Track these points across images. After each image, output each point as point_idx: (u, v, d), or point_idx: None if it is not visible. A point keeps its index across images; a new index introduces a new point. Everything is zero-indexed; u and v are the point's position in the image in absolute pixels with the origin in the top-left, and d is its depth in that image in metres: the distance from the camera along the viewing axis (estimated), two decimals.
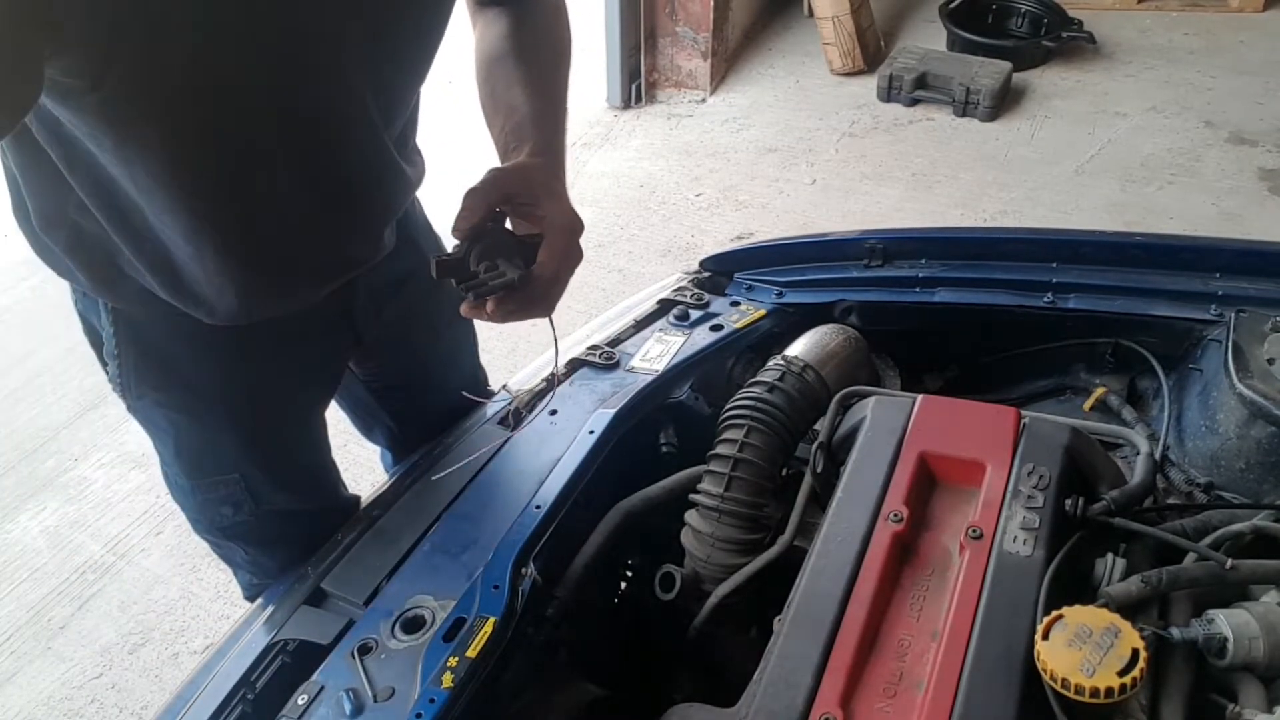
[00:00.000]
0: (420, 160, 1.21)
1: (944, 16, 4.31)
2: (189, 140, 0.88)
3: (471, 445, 1.23)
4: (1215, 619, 0.86)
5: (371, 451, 1.69)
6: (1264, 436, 1.14)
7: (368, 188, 1.08)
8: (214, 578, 2.34)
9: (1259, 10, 4.50)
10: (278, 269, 1.07)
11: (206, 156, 0.91)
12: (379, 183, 1.09)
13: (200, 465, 1.22)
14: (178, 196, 0.92)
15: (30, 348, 3.07)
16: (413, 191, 1.21)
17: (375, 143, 1.04)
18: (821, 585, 0.91)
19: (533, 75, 1.09)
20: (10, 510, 2.57)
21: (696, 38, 4.11)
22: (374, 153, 1.05)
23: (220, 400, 1.17)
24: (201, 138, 0.88)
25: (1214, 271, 1.32)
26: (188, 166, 0.90)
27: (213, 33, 0.81)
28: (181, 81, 0.82)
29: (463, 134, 3.08)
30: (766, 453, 1.09)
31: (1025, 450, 1.01)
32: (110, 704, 2.11)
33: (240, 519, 1.25)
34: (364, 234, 1.13)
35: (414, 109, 1.15)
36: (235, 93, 0.86)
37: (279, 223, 1.02)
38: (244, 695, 0.97)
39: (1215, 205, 3.38)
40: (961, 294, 1.38)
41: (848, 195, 3.61)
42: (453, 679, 0.90)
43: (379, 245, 1.16)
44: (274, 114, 0.91)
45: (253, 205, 0.98)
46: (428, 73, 1.08)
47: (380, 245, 1.17)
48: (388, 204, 1.15)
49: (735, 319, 1.40)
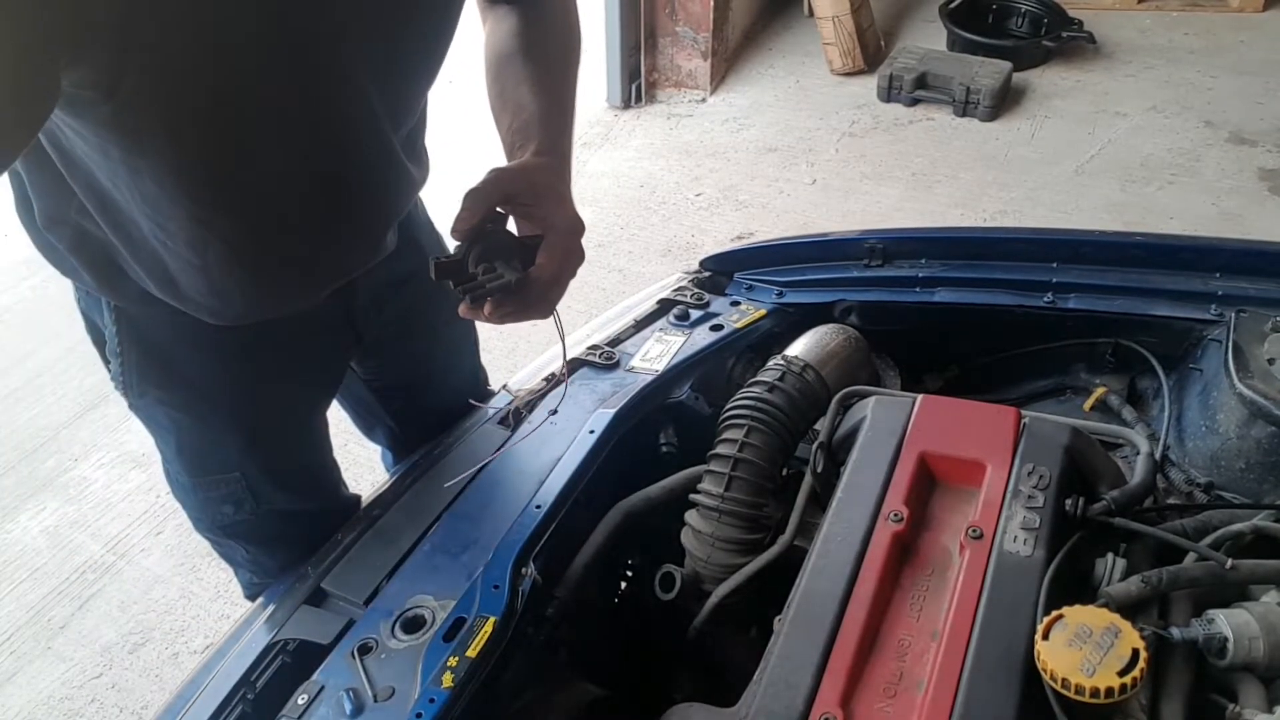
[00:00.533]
0: (426, 161, 1.21)
1: (944, 16, 4.31)
2: (197, 146, 0.88)
3: (472, 445, 1.23)
4: (1215, 619, 0.86)
5: (372, 451, 1.69)
6: (1264, 436, 1.14)
7: (373, 190, 1.08)
8: (214, 577, 2.34)
9: (1259, 10, 4.50)
10: (281, 272, 1.07)
11: (214, 161, 0.91)
12: (385, 185, 1.09)
13: (201, 464, 1.22)
14: (183, 203, 0.92)
15: (30, 347, 3.07)
16: (417, 193, 1.21)
17: (382, 145, 1.04)
18: (821, 585, 0.91)
19: (541, 74, 1.09)
20: (10, 510, 2.57)
21: (696, 37, 4.11)
22: (381, 155, 1.05)
23: (222, 399, 1.17)
24: (209, 143, 0.88)
25: (1214, 271, 1.32)
26: (195, 172, 0.90)
27: (222, 39, 0.81)
28: (192, 88, 0.82)
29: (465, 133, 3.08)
30: (766, 453, 1.09)
31: (1025, 450, 1.01)
32: (110, 704, 2.12)
33: (241, 518, 1.26)
34: (368, 235, 1.13)
35: (422, 110, 1.15)
36: (244, 97, 0.86)
37: (284, 226, 1.02)
38: (244, 695, 0.97)
39: (1215, 205, 3.38)
40: (961, 294, 1.38)
41: (848, 195, 3.61)
42: (453, 679, 0.90)
43: (382, 246, 1.16)
44: (281, 118, 0.91)
45: (258, 209, 0.98)
46: (436, 75, 1.08)
47: (383, 246, 1.17)
48: (392, 206, 1.15)
49: (735, 319, 1.40)
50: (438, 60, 1.06)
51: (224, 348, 1.13)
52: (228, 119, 0.87)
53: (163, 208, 0.92)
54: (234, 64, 0.83)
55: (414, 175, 1.14)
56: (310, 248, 1.06)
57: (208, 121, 0.86)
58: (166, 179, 0.89)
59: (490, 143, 1.10)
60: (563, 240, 0.99)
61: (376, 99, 0.98)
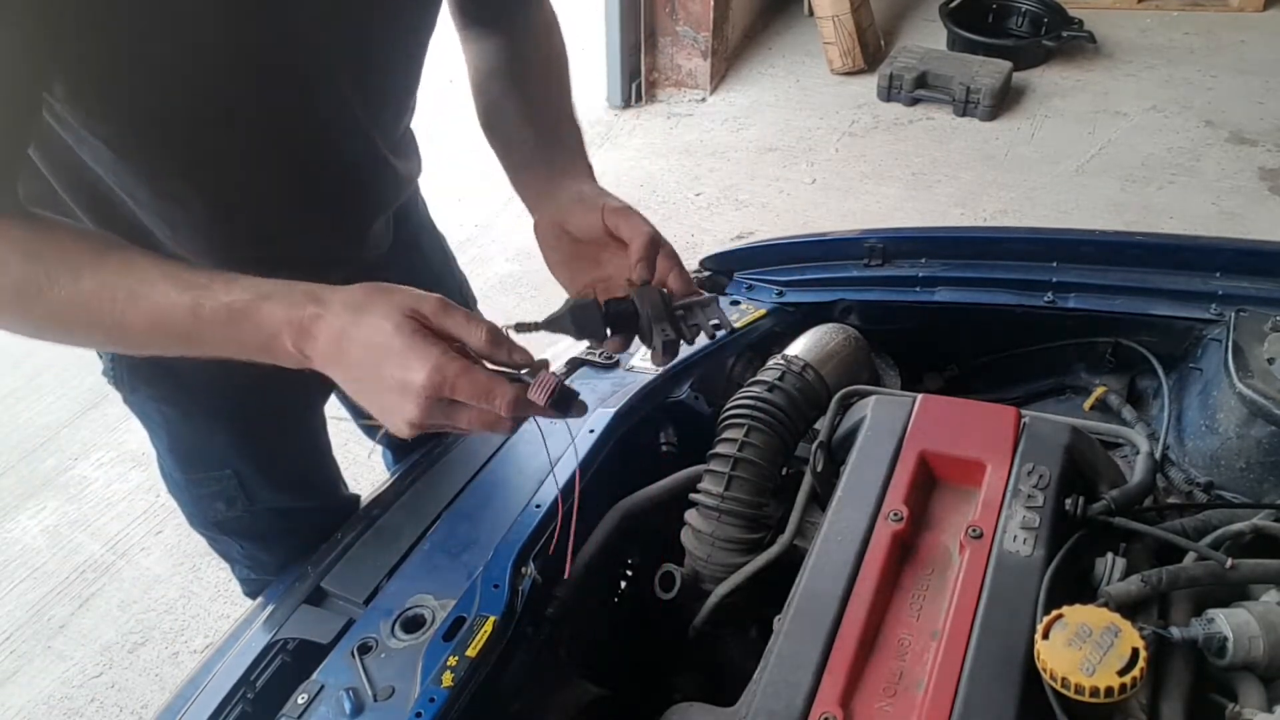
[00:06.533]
0: (415, 155, 1.20)
1: (944, 16, 4.31)
2: (163, 142, 0.88)
3: (472, 445, 1.23)
4: (1215, 618, 0.86)
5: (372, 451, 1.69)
6: (1264, 436, 1.14)
7: (356, 186, 1.08)
8: (214, 577, 2.34)
9: (1259, 10, 4.50)
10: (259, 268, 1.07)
11: (186, 158, 0.91)
12: (368, 181, 1.09)
13: (193, 460, 1.22)
14: (158, 196, 0.93)
15: (30, 348, 3.07)
16: (406, 188, 1.20)
17: (362, 142, 1.03)
18: (821, 585, 0.91)
19: (546, 96, 1.08)
20: (10, 510, 2.58)
21: (697, 37, 4.11)
22: (362, 152, 1.04)
23: (213, 396, 1.17)
24: (179, 140, 0.89)
25: (1214, 271, 1.32)
26: (166, 169, 0.91)
27: (193, 40, 0.81)
28: (153, 83, 0.82)
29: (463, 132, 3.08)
30: (766, 452, 1.09)
31: (1025, 450, 1.01)
32: (110, 703, 2.12)
33: (234, 514, 1.25)
34: (353, 231, 1.13)
35: (411, 107, 1.14)
36: (213, 94, 0.87)
37: (261, 222, 1.02)
38: (244, 694, 0.97)
39: (1215, 205, 3.38)
40: (961, 293, 1.38)
41: (848, 195, 3.61)
42: (453, 678, 0.90)
43: (368, 241, 1.16)
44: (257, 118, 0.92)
45: (235, 206, 0.99)
46: (418, 73, 1.07)
47: (369, 241, 1.16)
48: (377, 201, 1.14)
49: (735, 318, 1.40)
50: (416, 58, 1.05)
51: None
52: (200, 120, 0.88)
53: (141, 202, 0.93)
54: (207, 68, 0.84)
55: (400, 170, 1.13)
56: (290, 243, 1.06)
57: (175, 121, 0.87)
58: (138, 174, 0.91)
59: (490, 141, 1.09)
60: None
61: (353, 95, 0.97)
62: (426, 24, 1.03)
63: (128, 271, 0.80)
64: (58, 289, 0.78)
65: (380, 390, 0.77)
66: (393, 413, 0.77)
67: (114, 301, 0.79)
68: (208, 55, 0.83)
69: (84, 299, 0.79)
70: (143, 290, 0.79)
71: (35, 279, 0.78)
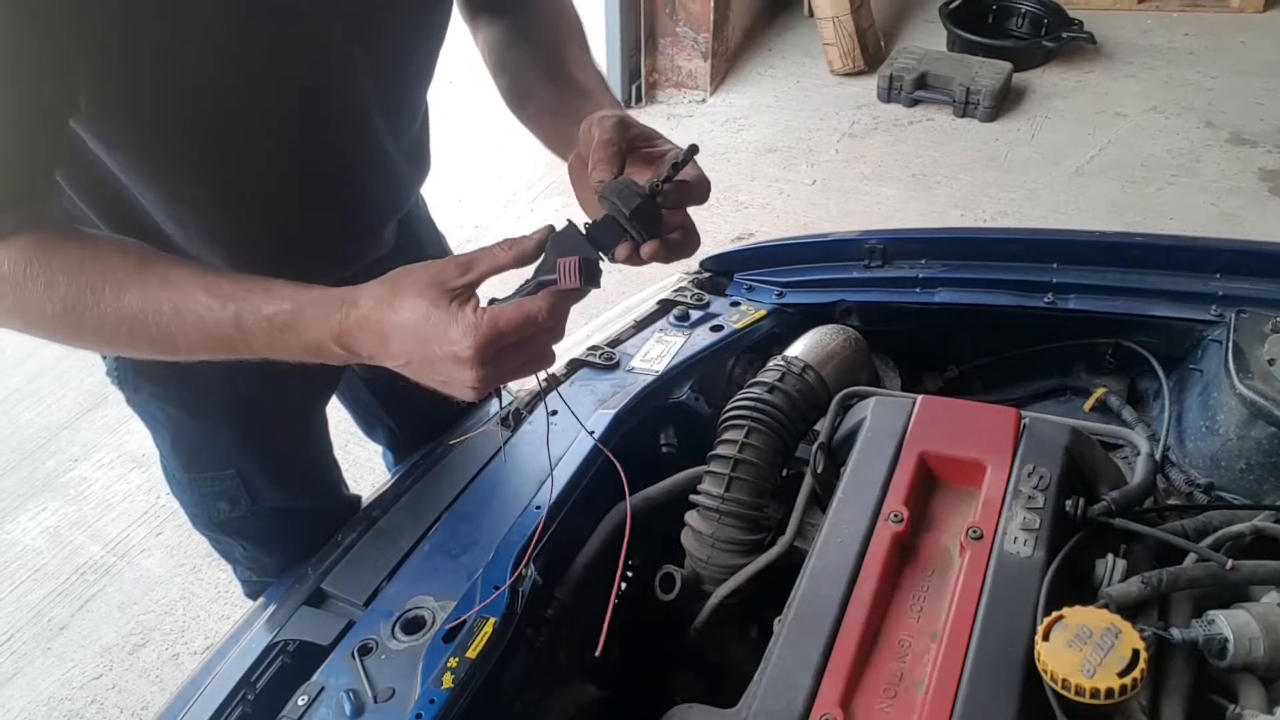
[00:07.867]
0: (426, 159, 1.21)
1: (944, 16, 4.31)
2: (179, 146, 0.89)
3: (472, 445, 1.23)
4: (1215, 619, 0.86)
5: (372, 451, 1.69)
6: (1264, 437, 1.14)
7: (369, 189, 1.08)
8: (214, 578, 2.34)
9: (1259, 10, 4.50)
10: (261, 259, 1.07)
11: (202, 163, 0.91)
12: (381, 184, 1.09)
13: (196, 460, 1.22)
14: (170, 199, 0.93)
15: (30, 348, 3.07)
16: (416, 190, 1.21)
17: (377, 146, 1.04)
18: (822, 586, 0.91)
19: (570, 56, 1.07)
20: (10, 510, 2.58)
21: (697, 38, 4.11)
22: (376, 155, 1.05)
23: (217, 397, 1.17)
24: (193, 143, 0.89)
25: (1214, 272, 1.32)
26: (180, 172, 0.91)
27: (214, 48, 0.82)
28: (175, 90, 0.83)
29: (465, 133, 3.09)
30: (767, 453, 1.09)
31: (1025, 451, 1.01)
32: (110, 704, 2.12)
33: (237, 514, 1.26)
34: (364, 232, 1.13)
35: (424, 112, 1.15)
36: (235, 102, 0.87)
37: (273, 223, 1.02)
38: (244, 696, 0.97)
39: (1215, 206, 3.38)
40: (961, 294, 1.38)
41: (848, 196, 3.61)
42: (453, 679, 0.90)
43: (379, 243, 1.16)
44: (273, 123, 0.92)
45: (248, 208, 0.99)
46: (431, 75, 1.08)
47: (380, 242, 1.16)
48: (390, 203, 1.15)
49: (735, 319, 1.40)
50: (430, 61, 1.06)
51: None
52: (215, 122, 0.88)
53: (158, 207, 0.94)
54: (221, 72, 0.84)
55: (410, 175, 1.14)
56: (302, 244, 1.06)
57: (193, 125, 0.87)
58: (152, 178, 0.91)
59: (490, 142, 1.09)
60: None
61: (371, 100, 0.98)
62: (440, 24, 1.03)
63: (168, 284, 0.82)
64: (104, 305, 0.81)
65: (435, 367, 0.79)
66: (454, 383, 0.80)
67: (159, 315, 0.81)
68: (227, 62, 0.83)
69: (129, 314, 0.81)
70: (185, 304, 0.81)
71: (82, 296, 0.80)
